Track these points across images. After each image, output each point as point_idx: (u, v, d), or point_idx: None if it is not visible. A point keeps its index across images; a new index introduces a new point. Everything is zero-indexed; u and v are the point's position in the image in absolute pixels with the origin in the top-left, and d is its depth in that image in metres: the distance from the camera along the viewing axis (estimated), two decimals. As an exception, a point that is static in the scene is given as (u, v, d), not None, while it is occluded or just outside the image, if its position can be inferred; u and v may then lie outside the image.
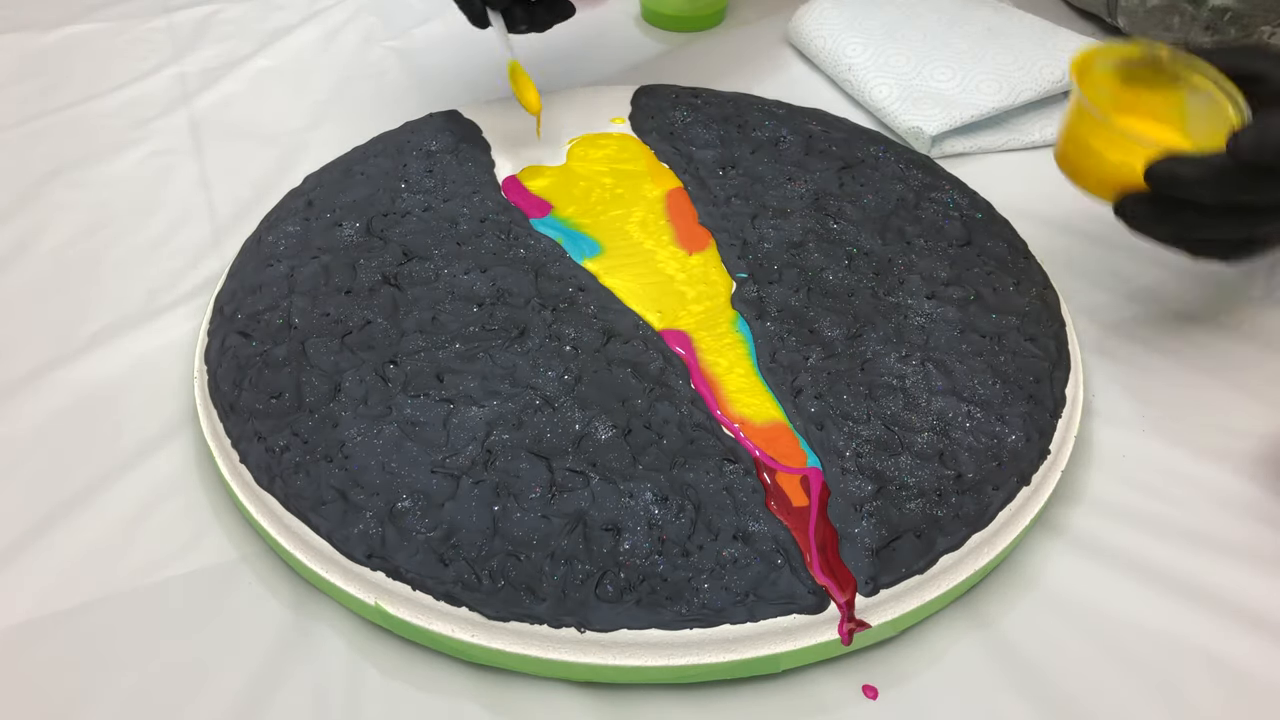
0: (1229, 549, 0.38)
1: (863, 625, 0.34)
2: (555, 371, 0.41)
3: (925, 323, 0.44)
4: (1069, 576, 0.37)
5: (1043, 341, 0.43)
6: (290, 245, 0.48)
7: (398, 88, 0.66)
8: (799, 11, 0.68)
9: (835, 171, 0.53)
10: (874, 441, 0.39)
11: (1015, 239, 0.49)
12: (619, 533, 0.35)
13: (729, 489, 0.37)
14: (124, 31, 0.71)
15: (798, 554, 0.35)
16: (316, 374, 0.41)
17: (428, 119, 0.59)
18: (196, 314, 0.48)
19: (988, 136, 0.59)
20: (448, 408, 0.40)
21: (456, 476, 0.37)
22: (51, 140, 0.61)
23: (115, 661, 0.35)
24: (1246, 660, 0.34)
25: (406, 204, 0.51)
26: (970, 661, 0.35)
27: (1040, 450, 0.39)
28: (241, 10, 0.74)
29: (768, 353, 0.43)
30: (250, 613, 0.36)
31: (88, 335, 0.48)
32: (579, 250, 0.49)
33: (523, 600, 0.34)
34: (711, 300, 0.46)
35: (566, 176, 0.54)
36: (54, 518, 0.39)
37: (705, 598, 0.34)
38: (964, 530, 0.36)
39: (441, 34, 0.72)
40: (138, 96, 0.65)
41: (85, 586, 0.37)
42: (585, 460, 0.38)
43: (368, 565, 0.35)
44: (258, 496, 0.38)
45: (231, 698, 0.34)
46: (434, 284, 0.46)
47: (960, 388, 0.41)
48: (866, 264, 0.47)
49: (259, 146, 0.60)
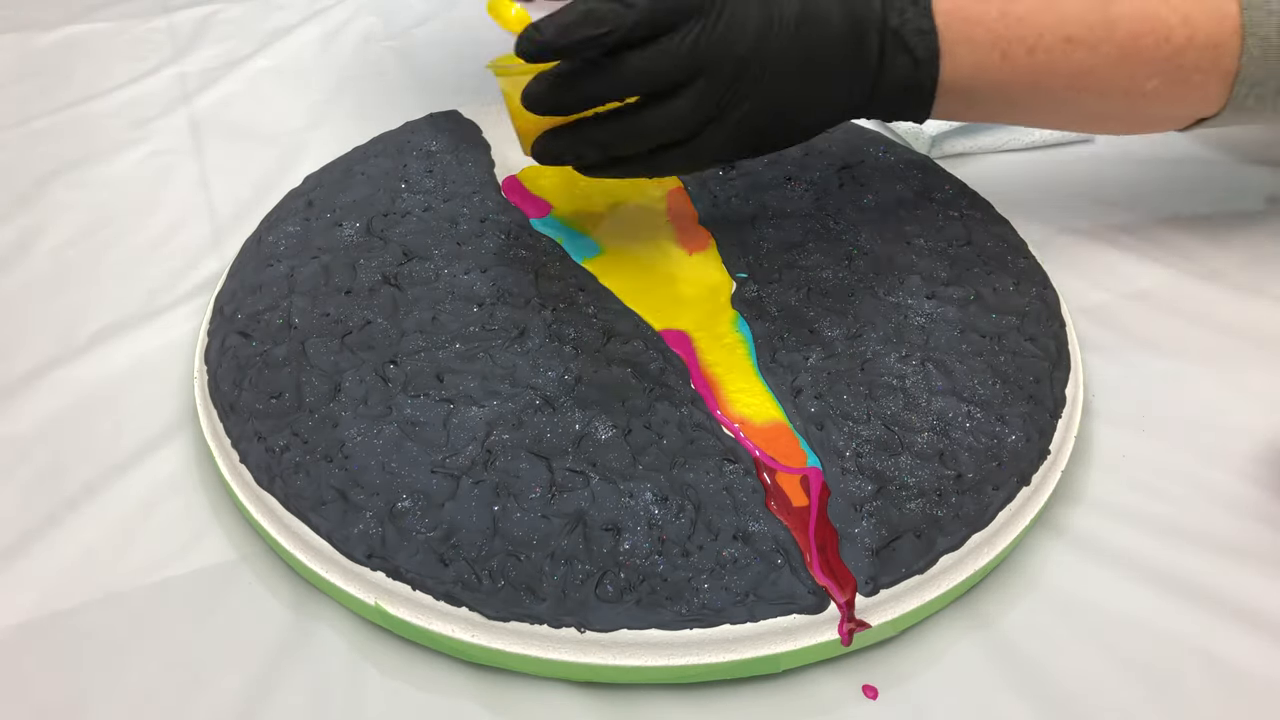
0: (1229, 549, 0.38)
1: (863, 625, 0.34)
2: (555, 371, 0.41)
3: (925, 323, 0.44)
4: (1069, 576, 0.37)
5: (1043, 341, 0.43)
6: (290, 245, 0.48)
7: (398, 88, 0.66)
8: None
9: (835, 171, 0.53)
10: (874, 441, 0.39)
11: (1015, 239, 0.49)
12: (619, 533, 0.35)
13: (729, 489, 0.37)
14: (124, 31, 0.71)
15: (798, 554, 0.35)
16: (316, 374, 0.41)
17: (428, 119, 0.59)
18: (196, 314, 0.48)
19: (988, 136, 0.59)
20: (448, 408, 0.40)
21: (456, 476, 0.37)
22: (51, 140, 0.61)
23: (115, 661, 0.35)
24: (1246, 660, 0.34)
25: (406, 204, 0.51)
26: (970, 661, 0.35)
27: (1040, 450, 0.39)
28: (241, 10, 0.74)
29: (768, 353, 0.43)
30: (250, 613, 0.36)
31: (88, 335, 0.48)
32: (579, 250, 0.49)
33: (523, 600, 0.34)
34: (711, 300, 0.46)
35: (566, 176, 0.54)
36: (54, 518, 0.39)
37: (705, 598, 0.34)
38: (964, 530, 0.36)
39: (441, 34, 0.72)
40: (138, 96, 0.65)
41: (85, 586, 0.37)
42: (585, 460, 0.38)
43: (368, 565, 0.35)
44: (258, 496, 0.38)
45: (231, 698, 0.34)
46: (434, 284, 0.46)
47: (960, 388, 0.41)
48: (866, 264, 0.47)
49: (259, 146, 0.60)
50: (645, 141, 0.42)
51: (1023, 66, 0.43)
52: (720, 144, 0.42)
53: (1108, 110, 0.45)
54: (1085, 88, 0.44)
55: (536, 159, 0.44)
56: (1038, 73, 0.43)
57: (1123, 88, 0.44)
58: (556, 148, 0.43)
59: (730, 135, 0.42)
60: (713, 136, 0.42)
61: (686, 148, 0.42)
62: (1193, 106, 0.45)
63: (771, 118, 0.42)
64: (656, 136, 0.42)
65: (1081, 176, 0.58)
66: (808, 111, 0.43)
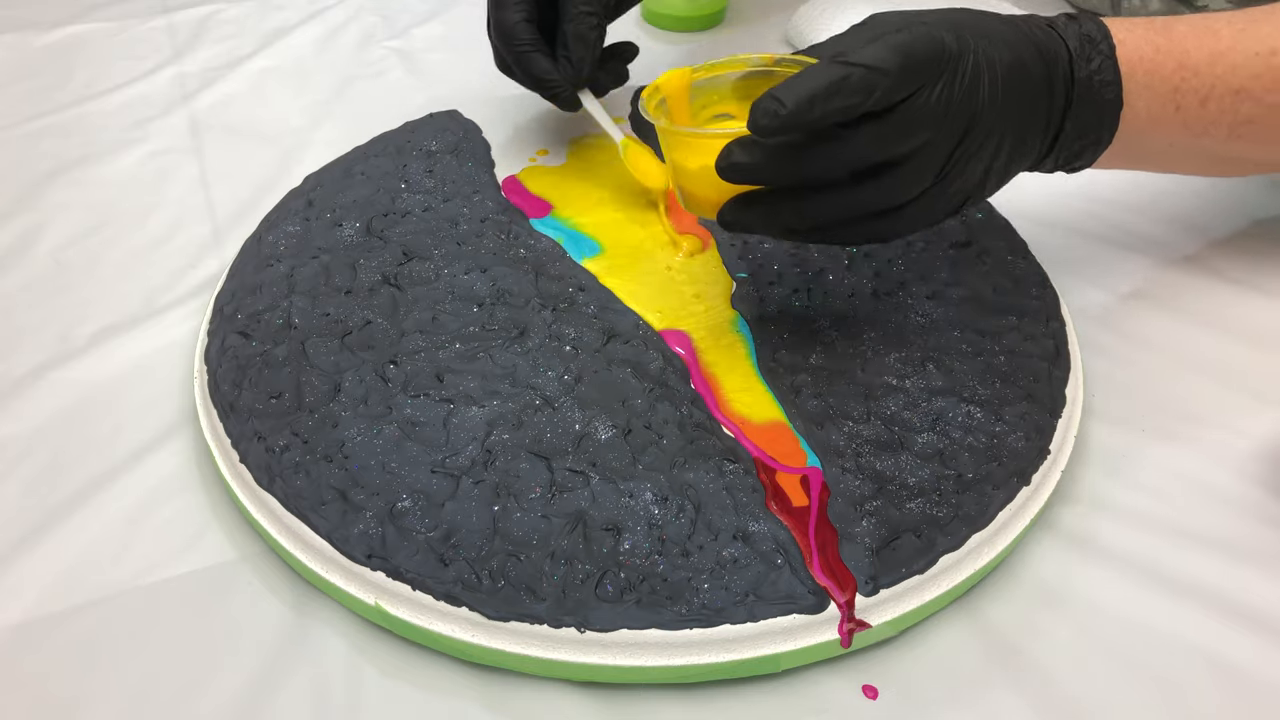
0: (1229, 549, 0.38)
1: (863, 625, 0.34)
2: (555, 371, 0.41)
3: (925, 323, 0.44)
4: (1069, 576, 0.37)
5: (1042, 341, 0.43)
6: (290, 245, 0.48)
7: (398, 88, 0.66)
8: (799, 11, 0.68)
9: (835, 171, 0.53)
10: (874, 441, 0.39)
11: (1015, 239, 0.49)
12: (619, 533, 0.35)
13: (729, 489, 0.37)
14: (124, 31, 0.71)
15: (798, 554, 0.35)
16: (316, 374, 0.41)
17: (428, 119, 0.59)
18: (196, 314, 0.48)
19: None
20: (448, 408, 0.40)
21: (456, 476, 0.37)
22: (51, 140, 0.61)
23: (115, 661, 0.35)
24: (1246, 660, 0.34)
25: (406, 204, 0.51)
26: (970, 661, 0.35)
27: (1040, 450, 0.39)
28: (241, 10, 0.74)
29: (768, 353, 0.43)
30: (250, 613, 0.36)
31: (88, 335, 0.47)
32: (579, 250, 0.49)
33: (523, 600, 0.34)
34: (711, 300, 0.46)
35: (566, 176, 0.54)
36: (54, 518, 0.39)
37: (705, 598, 0.34)
38: (964, 530, 0.36)
39: (441, 34, 0.72)
40: (138, 96, 0.65)
41: (85, 586, 0.37)
42: (585, 460, 0.38)
43: (368, 565, 0.35)
44: (258, 496, 0.38)
45: (231, 698, 0.34)
46: (434, 284, 0.46)
47: (960, 388, 0.41)
48: (866, 264, 0.47)
49: (259, 146, 0.60)
50: (857, 214, 0.38)
51: (1194, 118, 0.42)
52: (930, 210, 0.38)
53: (1253, 156, 0.45)
54: (1242, 136, 0.43)
55: (726, 228, 0.39)
56: (1206, 124, 0.42)
57: (1277, 137, 0.43)
58: (752, 219, 0.39)
59: (943, 200, 0.38)
60: (926, 201, 0.38)
61: (896, 215, 0.38)
62: None
63: (981, 176, 0.39)
64: (871, 209, 0.38)
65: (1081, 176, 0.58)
66: (1005, 169, 0.40)
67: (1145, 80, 0.41)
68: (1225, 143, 0.43)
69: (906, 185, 0.37)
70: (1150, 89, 0.41)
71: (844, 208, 0.38)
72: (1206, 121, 0.42)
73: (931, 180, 0.37)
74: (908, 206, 0.38)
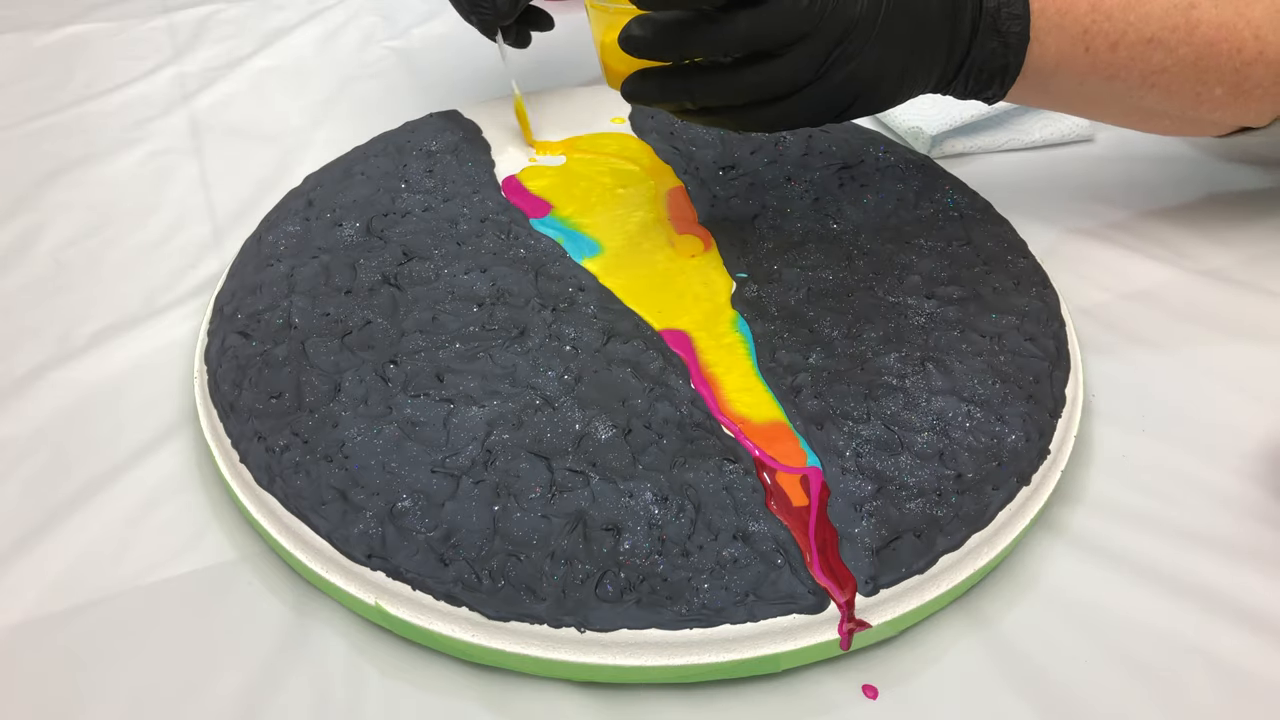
0: (1229, 549, 0.38)
1: (863, 625, 0.34)
2: (555, 371, 0.41)
3: (925, 323, 0.44)
4: (1069, 576, 0.37)
5: (1042, 341, 0.43)
6: (290, 245, 0.49)
7: (398, 88, 0.66)
8: None
9: (835, 171, 0.53)
10: (874, 441, 0.39)
11: (1015, 239, 0.49)
12: (619, 533, 0.35)
13: (729, 489, 0.37)
14: (124, 31, 0.71)
15: (798, 554, 0.35)
16: (316, 374, 0.41)
17: (428, 119, 0.59)
18: (196, 314, 0.49)
19: (988, 136, 0.59)
20: (448, 408, 0.40)
21: (456, 476, 0.37)
22: (51, 140, 0.61)
23: (115, 661, 0.35)
24: (1246, 660, 0.34)
25: (406, 204, 0.51)
26: (970, 661, 0.35)
27: (1040, 450, 0.39)
28: (241, 10, 0.74)
29: (768, 353, 0.43)
30: (250, 613, 0.36)
31: (88, 335, 0.48)
32: (579, 250, 0.49)
33: (523, 600, 0.34)
34: (711, 300, 0.46)
35: (566, 176, 0.54)
36: (54, 518, 0.39)
37: (705, 598, 0.34)
38: (964, 530, 0.36)
39: (441, 34, 0.72)
40: (138, 96, 0.65)
41: (85, 586, 0.37)
42: (585, 460, 0.38)
43: (368, 565, 0.35)
44: (258, 496, 0.38)
45: (231, 698, 0.34)
46: (434, 284, 0.46)
47: (960, 388, 0.41)
48: (866, 264, 0.47)
49: (259, 146, 0.60)
50: (740, 97, 0.41)
51: (1103, 61, 0.44)
52: (813, 105, 0.42)
53: (1168, 110, 0.47)
54: (1155, 86, 0.45)
55: (625, 98, 0.43)
56: (1116, 68, 0.44)
57: (1190, 91, 0.45)
58: (647, 91, 0.43)
59: (825, 97, 0.42)
60: (808, 97, 0.41)
61: (780, 106, 0.42)
62: (1244, 117, 0.47)
63: (866, 84, 0.42)
64: (753, 93, 0.41)
65: (1081, 176, 0.58)
66: (899, 81, 0.43)
67: (1057, 19, 0.43)
68: (1138, 90, 0.45)
69: (785, 75, 0.40)
70: (1061, 28, 0.43)
71: (728, 88, 0.41)
72: (1117, 66, 0.44)
73: (813, 75, 0.40)
74: (792, 98, 0.41)
